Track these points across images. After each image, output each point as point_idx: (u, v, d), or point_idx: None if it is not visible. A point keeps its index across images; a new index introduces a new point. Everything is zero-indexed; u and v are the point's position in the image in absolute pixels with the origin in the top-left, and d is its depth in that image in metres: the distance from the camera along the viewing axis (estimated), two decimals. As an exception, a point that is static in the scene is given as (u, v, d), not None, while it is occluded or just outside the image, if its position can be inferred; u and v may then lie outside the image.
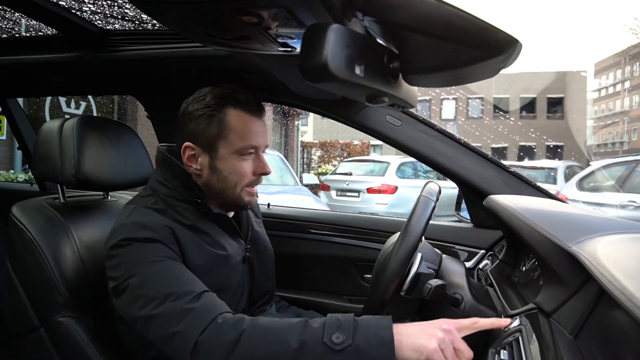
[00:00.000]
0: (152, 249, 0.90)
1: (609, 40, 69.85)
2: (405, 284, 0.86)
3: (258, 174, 1.03)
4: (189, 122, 1.00)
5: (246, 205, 1.05)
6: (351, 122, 1.40)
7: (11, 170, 5.80)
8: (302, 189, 6.04)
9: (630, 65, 34.03)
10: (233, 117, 0.98)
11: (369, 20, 0.60)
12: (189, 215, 0.99)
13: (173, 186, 1.00)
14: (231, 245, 1.04)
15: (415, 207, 0.88)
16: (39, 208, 1.18)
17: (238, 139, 0.98)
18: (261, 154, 1.04)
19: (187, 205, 1.00)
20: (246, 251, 1.08)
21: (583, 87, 29.02)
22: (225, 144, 0.99)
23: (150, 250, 0.89)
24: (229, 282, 1.00)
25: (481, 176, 1.31)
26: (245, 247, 1.09)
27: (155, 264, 0.88)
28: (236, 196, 1.02)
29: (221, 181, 1.01)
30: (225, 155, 0.99)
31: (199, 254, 0.96)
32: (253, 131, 1.00)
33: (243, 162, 1.00)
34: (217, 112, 0.98)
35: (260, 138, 1.02)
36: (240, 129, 0.99)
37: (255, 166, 1.02)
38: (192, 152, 1.01)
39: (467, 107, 26.88)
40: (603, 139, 41.32)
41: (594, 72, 41.77)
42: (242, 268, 1.05)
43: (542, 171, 7.63)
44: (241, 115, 0.99)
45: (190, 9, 0.64)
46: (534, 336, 0.68)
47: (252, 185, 1.04)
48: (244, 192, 1.02)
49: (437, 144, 1.34)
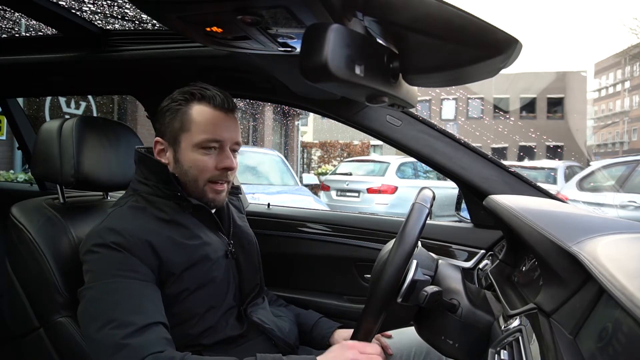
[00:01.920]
0: (117, 260, 0.90)
1: (609, 41, 69.87)
2: (402, 291, 0.86)
3: (221, 168, 1.00)
4: (159, 118, 1.03)
5: (209, 202, 1.02)
6: (351, 122, 1.40)
7: (11, 170, 5.80)
8: (302, 189, 6.04)
9: (631, 66, 34.03)
10: (196, 110, 0.99)
11: (369, 20, 0.60)
12: (169, 210, 0.99)
13: (152, 183, 1.01)
14: (212, 239, 1.03)
15: (410, 214, 0.88)
16: (39, 208, 1.18)
17: (199, 131, 0.98)
18: (227, 149, 1.01)
19: (168, 201, 1.00)
20: (229, 246, 1.07)
21: (583, 87, 29.03)
22: (187, 137, 0.99)
23: (115, 262, 0.90)
24: (211, 276, 1.00)
25: (481, 176, 1.31)
26: (228, 242, 1.08)
27: (113, 282, 0.88)
28: (199, 191, 1.01)
29: (183, 175, 1.00)
30: (187, 148, 0.99)
31: (177, 252, 0.95)
32: (216, 125, 0.99)
33: (204, 155, 0.99)
34: (182, 107, 1.00)
35: (224, 132, 1.00)
36: (203, 122, 0.98)
37: (218, 160, 1.00)
38: (161, 146, 1.03)
39: (467, 107, 26.89)
40: (603, 139, 41.32)
41: (594, 72, 41.78)
42: (226, 263, 1.04)
43: (542, 171, 7.63)
44: (205, 109, 0.99)
45: (190, 9, 0.64)
46: (534, 336, 0.68)
47: (216, 181, 1.01)
48: (207, 187, 1.01)
49: (437, 144, 1.34)
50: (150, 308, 0.87)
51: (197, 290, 0.97)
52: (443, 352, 0.96)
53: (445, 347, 0.93)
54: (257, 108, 12.82)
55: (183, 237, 0.98)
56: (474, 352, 0.90)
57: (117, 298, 0.87)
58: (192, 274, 0.96)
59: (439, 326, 0.93)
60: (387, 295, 0.84)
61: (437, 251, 1.38)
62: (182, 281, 0.96)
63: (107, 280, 0.89)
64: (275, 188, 5.65)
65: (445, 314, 0.91)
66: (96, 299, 0.88)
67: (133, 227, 0.94)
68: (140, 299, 0.87)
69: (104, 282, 0.89)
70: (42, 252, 1.08)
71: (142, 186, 1.03)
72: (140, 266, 0.91)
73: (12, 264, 1.16)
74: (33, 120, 6.03)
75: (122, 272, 0.89)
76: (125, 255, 0.90)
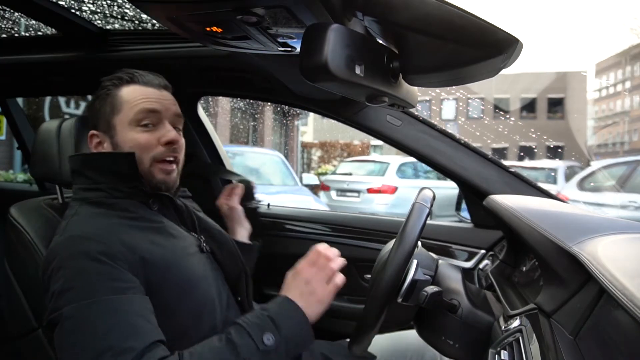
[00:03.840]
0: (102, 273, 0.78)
1: (610, 40, 69.84)
2: (402, 291, 0.86)
3: (164, 143, 0.93)
4: (89, 111, 0.98)
5: (160, 183, 0.94)
6: (351, 122, 1.40)
7: (11, 170, 5.80)
8: (302, 189, 6.04)
9: (631, 66, 34.03)
10: (126, 91, 0.94)
11: (369, 20, 0.59)
12: (133, 208, 0.91)
13: (107, 185, 0.91)
14: (183, 234, 0.96)
15: (410, 214, 0.88)
16: (37, 209, 1.18)
17: (130, 108, 0.92)
18: (166, 122, 0.94)
19: (130, 201, 0.91)
20: (201, 242, 1.00)
21: (583, 87, 29.03)
22: (120, 118, 0.93)
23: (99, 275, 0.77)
24: (192, 272, 0.92)
25: (481, 176, 1.31)
26: (197, 237, 1.00)
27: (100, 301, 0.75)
28: (147, 173, 0.92)
29: None
30: (123, 130, 0.93)
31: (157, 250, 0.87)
32: (148, 98, 0.94)
33: (143, 132, 0.92)
34: (111, 91, 0.95)
35: (158, 104, 0.94)
36: (132, 98, 0.93)
37: (159, 135, 0.93)
38: (97, 139, 0.96)
39: (467, 107, 26.87)
40: (603, 139, 41.30)
41: (595, 72, 41.77)
42: (203, 258, 0.97)
43: (542, 171, 7.63)
44: (135, 88, 0.94)
45: (190, 9, 0.64)
46: (534, 336, 0.68)
47: (163, 159, 0.93)
48: (154, 168, 0.93)
49: (437, 144, 1.34)
50: (145, 327, 0.76)
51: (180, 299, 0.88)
52: (443, 353, 0.96)
53: (445, 348, 0.93)
54: (257, 108, 12.82)
55: (157, 233, 0.90)
56: (474, 353, 0.90)
57: (109, 321, 0.74)
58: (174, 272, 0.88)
59: (439, 326, 0.93)
60: (387, 295, 0.84)
61: (437, 251, 1.38)
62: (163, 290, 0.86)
63: (92, 299, 0.75)
64: (275, 188, 5.66)
65: (445, 314, 0.91)
66: (83, 324, 0.74)
67: (107, 232, 0.83)
68: (134, 318, 0.76)
69: (89, 302, 0.75)
70: (40, 253, 1.08)
71: (90, 193, 0.92)
72: (125, 275, 0.80)
73: (11, 265, 1.16)
74: (33, 120, 6.03)
75: (109, 287, 0.77)
76: (109, 266, 0.78)
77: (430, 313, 0.93)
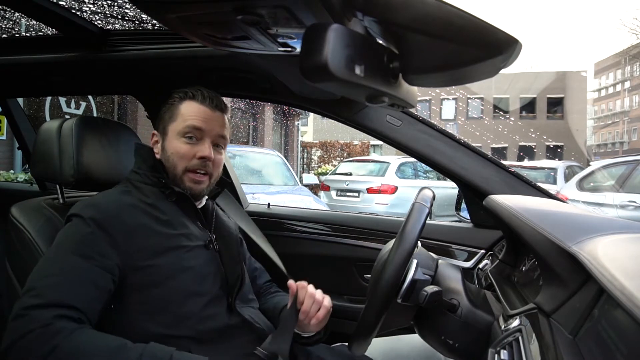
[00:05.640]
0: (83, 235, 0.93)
1: (609, 41, 69.91)
2: (402, 291, 0.86)
3: (198, 157, 1.06)
4: (159, 114, 1.14)
5: (186, 189, 1.07)
6: (351, 122, 1.40)
7: (11, 170, 5.80)
8: (302, 189, 6.04)
9: (630, 66, 34.04)
10: (185, 105, 1.09)
11: (369, 20, 0.60)
12: (152, 195, 1.05)
13: (142, 171, 1.09)
14: (191, 229, 1.06)
15: (410, 214, 0.88)
16: (38, 208, 1.18)
17: (182, 121, 1.07)
18: (207, 140, 1.07)
19: (153, 188, 1.06)
20: (211, 239, 1.09)
21: (583, 87, 29.02)
22: (173, 127, 1.08)
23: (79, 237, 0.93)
24: (188, 264, 1.00)
25: (481, 176, 1.31)
26: (209, 235, 1.09)
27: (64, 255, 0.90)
28: (178, 178, 1.07)
29: (166, 161, 1.08)
30: (172, 137, 1.08)
31: (149, 236, 0.98)
32: (199, 116, 1.07)
33: (185, 144, 1.06)
34: (175, 102, 1.10)
35: (205, 123, 1.07)
36: (187, 113, 1.07)
37: (197, 150, 1.06)
38: (155, 138, 1.12)
39: (467, 107, 26.88)
40: (603, 139, 41.31)
41: (594, 72, 41.78)
42: (207, 254, 1.06)
43: (542, 171, 7.63)
44: (193, 104, 1.08)
45: (190, 9, 0.64)
46: (534, 336, 0.68)
47: (194, 170, 1.07)
48: (186, 176, 1.07)
49: (437, 144, 1.34)
50: (74, 291, 0.86)
51: (169, 279, 0.97)
52: (443, 352, 0.96)
53: (445, 347, 0.93)
54: (257, 108, 12.82)
55: (159, 223, 1.01)
56: (473, 352, 0.90)
57: (54, 271, 0.88)
58: (164, 262, 0.97)
59: (438, 326, 0.93)
60: (387, 295, 0.84)
61: (437, 251, 1.38)
62: (151, 268, 0.96)
63: (58, 249, 0.92)
64: (275, 188, 5.65)
65: (445, 314, 0.91)
66: (41, 264, 0.91)
67: (112, 205, 0.99)
68: (72, 280, 0.87)
69: (56, 252, 0.92)
70: (41, 253, 1.08)
71: (133, 175, 1.10)
72: (101, 246, 0.92)
73: (12, 264, 1.16)
74: (33, 120, 6.03)
75: (78, 247, 0.91)
76: (93, 233, 0.93)
77: (430, 313, 0.93)
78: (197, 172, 1.07)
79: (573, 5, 77.60)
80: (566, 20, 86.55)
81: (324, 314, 1.01)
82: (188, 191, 1.07)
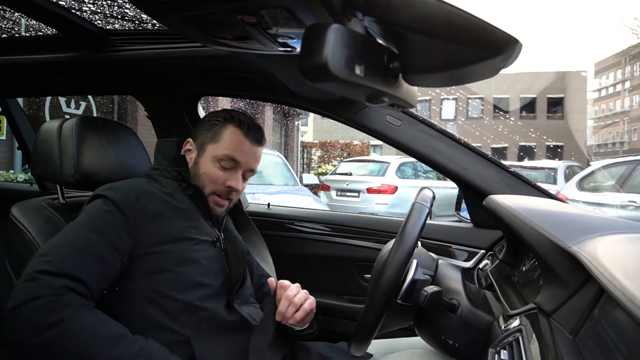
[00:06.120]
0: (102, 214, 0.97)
1: (609, 40, 69.94)
2: (401, 291, 0.86)
3: (227, 185, 1.10)
4: (197, 125, 1.17)
5: (209, 210, 1.12)
6: (351, 122, 1.40)
7: (11, 170, 5.80)
8: (302, 189, 6.04)
9: (631, 65, 34.04)
10: (230, 131, 1.11)
11: (369, 20, 0.60)
12: (171, 187, 1.08)
13: (162, 166, 1.13)
14: (202, 224, 1.09)
15: (410, 214, 0.88)
16: (38, 208, 1.18)
17: (224, 147, 1.10)
18: (239, 172, 1.12)
19: (172, 181, 1.10)
20: (220, 238, 1.12)
21: (583, 87, 29.01)
22: (212, 148, 1.11)
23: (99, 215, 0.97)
24: (194, 256, 1.03)
25: (481, 176, 1.31)
26: (218, 234, 1.12)
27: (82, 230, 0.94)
28: (205, 197, 1.11)
29: (195, 177, 1.12)
30: (208, 158, 1.11)
31: (163, 222, 1.01)
32: (240, 148, 1.11)
33: (219, 170, 1.10)
34: (219, 123, 1.12)
35: (243, 157, 1.11)
36: (230, 141, 1.11)
37: (228, 178, 1.11)
38: (190, 146, 1.15)
39: (467, 107, 26.87)
40: (603, 139, 41.31)
41: (594, 72, 41.77)
42: (214, 252, 1.08)
43: (542, 171, 7.63)
44: (237, 132, 1.11)
45: (190, 9, 0.64)
46: (534, 336, 0.68)
47: (221, 195, 1.12)
48: (211, 198, 1.11)
49: (437, 144, 1.34)
50: (88, 267, 0.89)
51: (177, 266, 1.00)
52: (443, 352, 0.96)
53: (445, 347, 0.93)
54: (257, 108, 12.82)
55: (175, 211, 1.05)
56: (473, 352, 0.90)
57: (69, 242, 0.91)
58: (174, 249, 1.00)
59: (439, 326, 0.93)
60: (387, 295, 0.84)
61: (437, 251, 1.38)
62: (161, 254, 0.99)
63: (79, 225, 0.95)
64: (275, 188, 5.65)
65: (445, 314, 0.91)
66: (60, 235, 0.94)
67: (132, 190, 1.03)
68: (85, 254, 0.90)
69: (75, 225, 0.96)
70: None
71: (154, 171, 1.14)
72: (118, 228, 0.95)
73: (12, 264, 1.16)
74: (33, 120, 6.03)
75: (97, 225, 0.95)
76: (111, 212, 0.97)
77: (430, 313, 0.93)
78: (221, 197, 1.12)
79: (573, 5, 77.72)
80: (566, 20, 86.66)
81: (301, 316, 0.99)
82: (211, 212, 1.12)
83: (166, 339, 0.93)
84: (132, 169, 1.28)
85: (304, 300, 1.01)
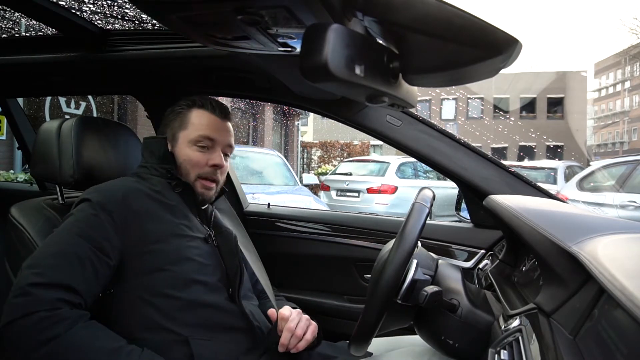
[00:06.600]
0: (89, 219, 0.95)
1: (609, 40, 69.95)
2: (402, 291, 0.86)
3: (211, 165, 1.11)
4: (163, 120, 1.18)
5: (198, 195, 1.11)
6: (351, 122, 1.40)
7: (11, 170, 5.80)
8: (302, 189, 6.03)
9: (631, 66, 34.03)
10: (195, 114, 1.13)
11: (369, 20, 0.60)
12: (159, 185, 1.08)
13: (150, 164, 1.12)
14: (193, 221, 1.09)
15: (410, 214, 0.88)
16: (38, 209, 1.18)
17: (194, 130, 1.11)
18: (218, 149, 1.12)
19: (160, 179, 1.10)
20: (211, 234, 1.12)
21: (583, 87, 29.01)
22: (184, 135, 1.12)
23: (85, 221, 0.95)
24: (189, 254, 1.02)
25: (481, 176, 1.31)
26: (208, 230, 1.13)
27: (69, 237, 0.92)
28: (190, 184, 1.11)
29: (178, 168, 1.11)
30: (183, 144, 1.11)
31: (154, 221, 1.01)
32: (211, 126, 1.12)
33: (197, 152, 1.10)
34: (183, 110, 1.14)
35: (217, 133, 1.12)
36: (199, 122, 1.12)
37: (209, 158, 1.11)
38: None
39: (467, 107, 26.87)
40: (603, 139, 41.31)
41: (594, 72, 41.77)
42: (207, 248, 1.08)
43: (542, 171, 7.63)
44: (202, 113, 1.12)
45: (190, 9, 0.64)
46: (534, 336, 0.68)
47: (206, 177, 1.11)
48: (198, 183, 1.11)
49: (437, 144, 1.34)
50: (79, 275, 0.88)
51: (172, 264, 0.99)
52: (443, 352, 0.96)
53: (445, 347, 0.93)
54: (257, 108, 12.82)
55: (165, 209, 1.04)
56: (474, 352, 0.90)
57: (57, 250, 0.90)
58: (168, 248, 0.99)
59: (438, 326, 0.93)
60: (387, 295, 0.84)
61: (437, 251, 1.38)
62: (155, 253, 0.98)
63: (66, 233, 0.94)
64: (275, 188, 5.65)
65: (445, 314, 0.91)
66: (47, 242, 0.93)
67: (119, 191, 1.02)
68: (74, 262, 0.89)
69: (61, 232, 0.94)
70: None
71: (141, 169, 1.14)
72: (107, 231, 0.94)
73: (12, 265, 1.16)
74: (33, 120, 6.02)
75: (84, 230, 0.93)
76: (97, 216, 0.95)
77: (430, 313, 0.93)
78: (207, 179, 1.12)
79: (573, 5, 77.80)
80: (566, 20, 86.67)
81: (304, 346, 1.00)
82: (199, 197, 1.12)
83: (164, 340, 0.93)
84: (131, 169, 1.28)
85: (306, 329, 1.01)
